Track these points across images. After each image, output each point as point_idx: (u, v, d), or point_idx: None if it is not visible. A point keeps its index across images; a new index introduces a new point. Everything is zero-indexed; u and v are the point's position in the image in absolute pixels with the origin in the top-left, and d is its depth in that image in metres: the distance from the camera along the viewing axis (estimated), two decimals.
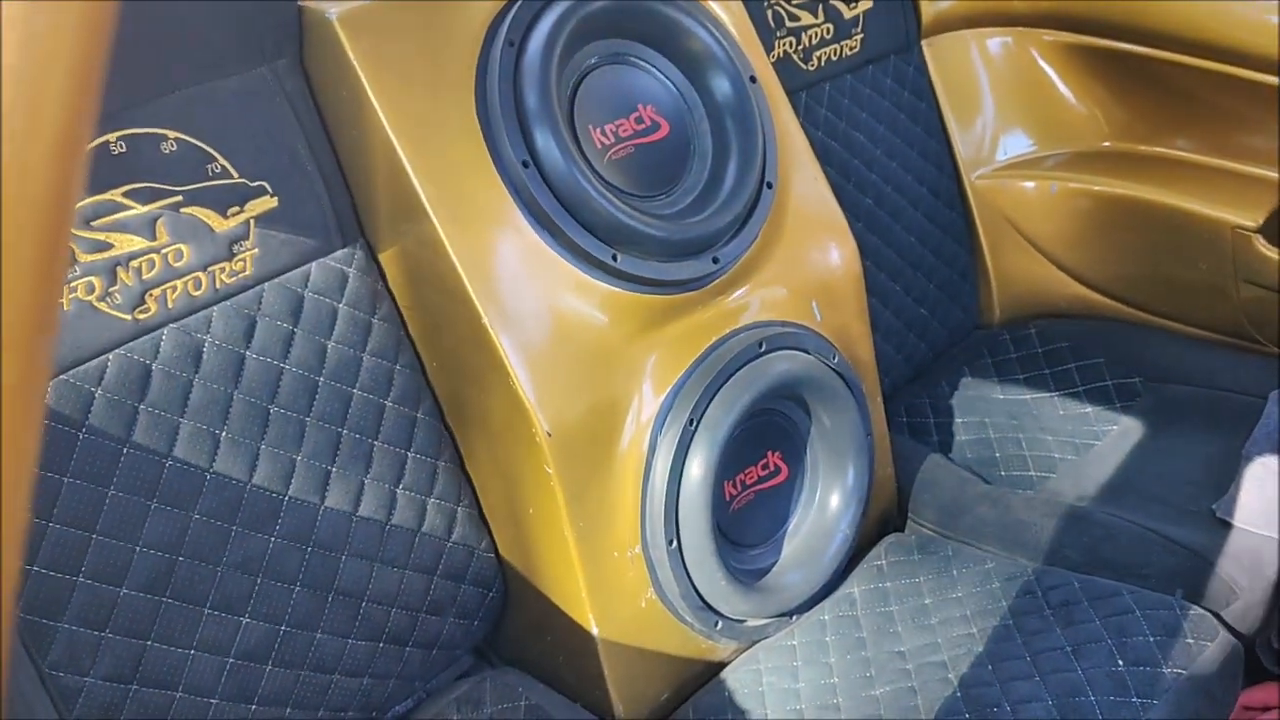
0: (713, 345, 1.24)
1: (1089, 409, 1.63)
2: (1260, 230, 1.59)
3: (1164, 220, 1.67)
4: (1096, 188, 1.72)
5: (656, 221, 1.18)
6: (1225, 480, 1.39)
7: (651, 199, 1.23)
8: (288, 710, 1.14)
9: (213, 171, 1.09)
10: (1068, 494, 1.46)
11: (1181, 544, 1.31)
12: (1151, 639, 1.14)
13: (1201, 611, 1.19)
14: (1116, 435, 1.57)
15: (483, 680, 1.26)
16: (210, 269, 1.09)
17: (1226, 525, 1.33)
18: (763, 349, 1.25)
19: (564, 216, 1.15)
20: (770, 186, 1.29)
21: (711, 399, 1.21)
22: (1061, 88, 1.78)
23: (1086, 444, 1.57)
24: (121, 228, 1.04)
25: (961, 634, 1.23)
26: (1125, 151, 1.76)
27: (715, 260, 1.23)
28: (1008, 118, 1.81)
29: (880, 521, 1.46)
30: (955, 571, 1.32)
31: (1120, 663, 1.12)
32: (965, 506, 1.44)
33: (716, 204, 1.23)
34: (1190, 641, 1.14)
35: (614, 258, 1.16)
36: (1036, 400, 1.66)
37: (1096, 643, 1.15)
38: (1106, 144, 1.78)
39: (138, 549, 1.04)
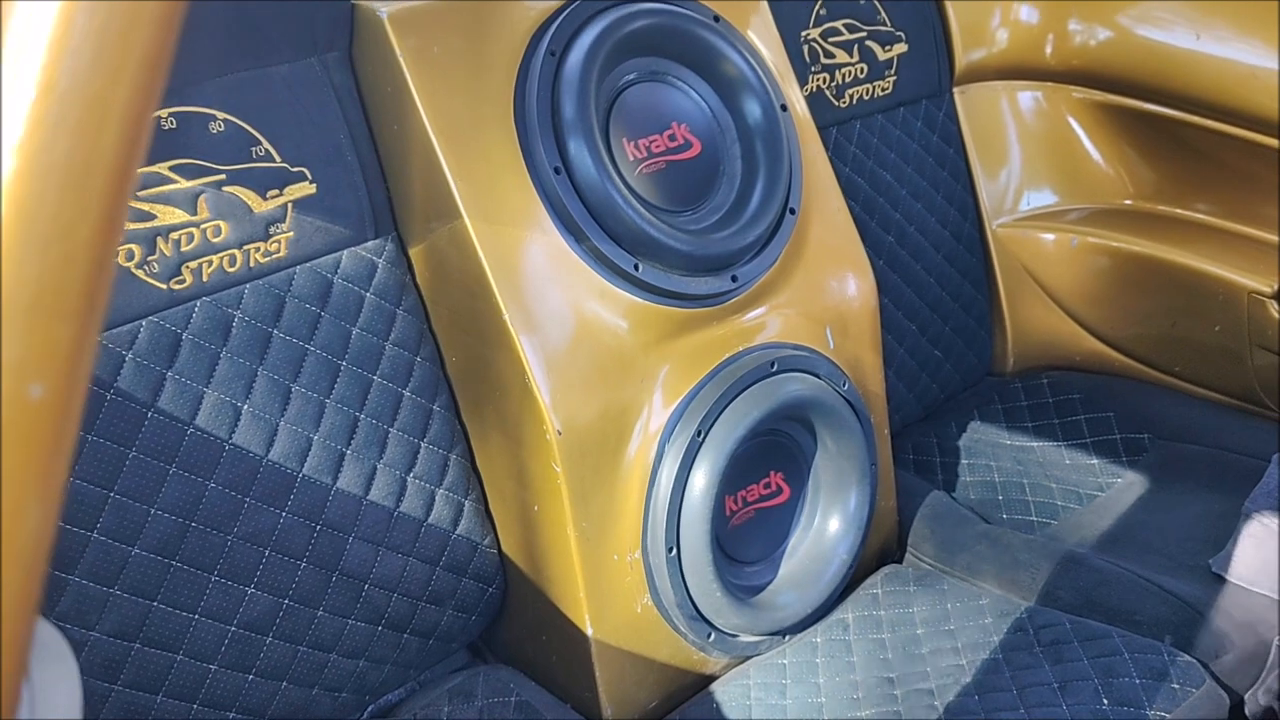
0: (725, 361, 1.26)
1: (1095, 461, 1.64)
2: (1276, 296, 1.61)
3: (1181, 281, 1.69)
4: (1116, 244, 1.74)
5: (680, 236, 1.22)
6: (1224, 537, 1.40)
7: (678, 214, 1.26)
8: (283, 684, 1.17)
9: (256, 154, 1.13)
10: (1067, 540, 1.47)
11: (1175, 594, 1.32)
12: (1138, 681, 1.15)
13: (1189, 659, 1.20)
14: (1120, 488, 1.58)
15: (475, 674, 1.28)
16: (246, 247, 1.12)
17: (1221, 580, 1.34)
18: (774, 369, 1.28)
19: (591, 224, 1.18)
20: (793, 212, 1.33)
21: (720, 413, 1.23)
22: (1087, 144, 1.81)
23: (1090, 494, 1.58)
24: (165, 200, 1.08)
25: (951, 665, 1.24)
26: (1147, 211, 1.79)
27: (734, 279, 1.26)
28: (1033, 169, 1.84)
29: (879, 552, 1.48)
30: (949, 605, 1.33)
31: (1105, 702, 1.13)
32: (964, 543, 1.46)
33: (739, 224, 1.27)
34: (1176, 687, 1.15)
35: (636, 267, 1.19)
36: (1044, 448, 1.68)
37: (1083, 681, 1.16)
38: (1129, 202, 1.81)
39: (153, 511, 1.07)
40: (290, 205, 1.15)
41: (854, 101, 1.66)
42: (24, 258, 0.32)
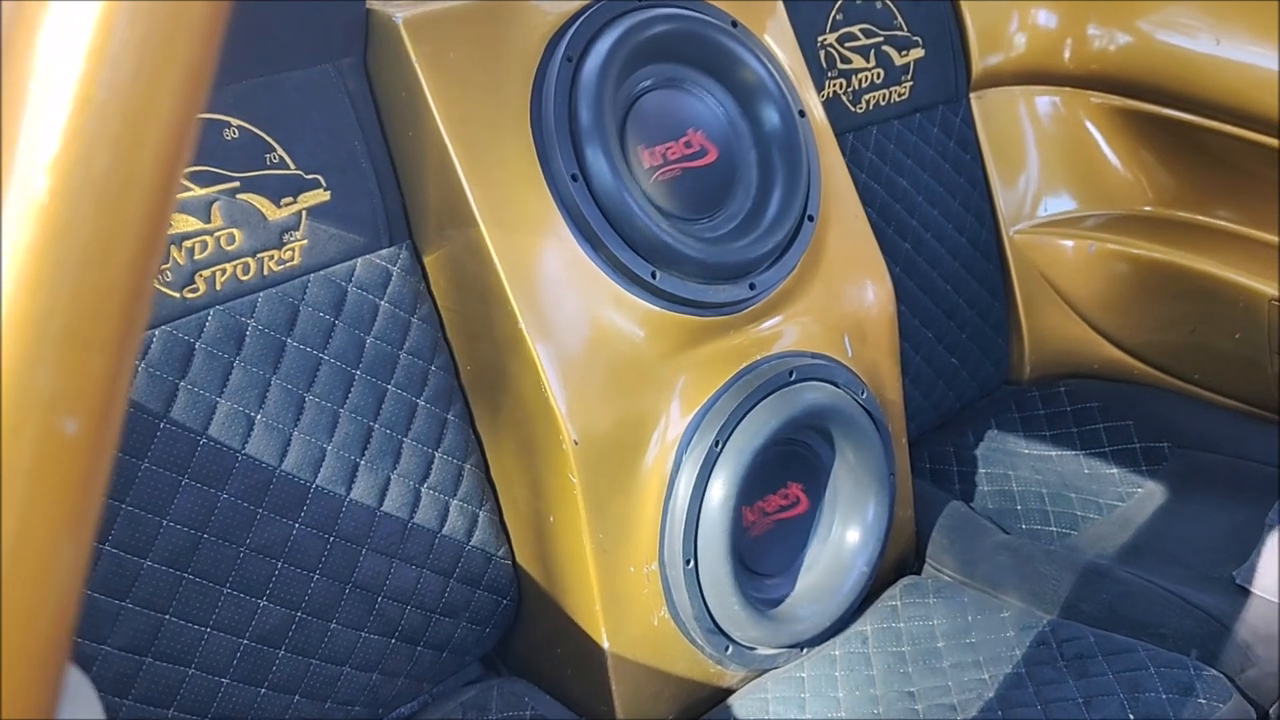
0: (743, 370, 1.25)
1: (1115, 470, 1.62)
2: None
3: (1201, 288, 1.67)
4: (1135, 251, 1.72)
5: (697, 244, 1.20)
6: (1248, 548, 1.38)
7: (694, 222, 1.25)
8: (296, 698, 1.15)
9: (271, 161, 1.11)
10: (1088, 551, 1.45)
11: (1199, 607, 1.30)
12: (1164, 696, 1.14)
13: (1216, 673, 1.18)
14: (1141, 498, 1.56)
15: (490, 687, 1.26)
16: (259, 255, 1.11)
17: (1246, 592, 1.32)
18: (792, 378, 1.26)
19: (608, 231, 1.17)
20: (811, 219, 1.31)
21: (739, 423, 1.21)
22: (1106, 149, 1.79)
23: (1110, 504, 1.56)
24: (179, 208, 1.06)
25: (973, 679, 1.22)
26: (1166, 217, 1.77)
27: (752, 286, 1.24)
28: (1050, 175, 1.82)
29: (897, 563, 1.46)
30: (970, 617, 1.31)
31: (1131, 717, 1.11)
32: (984, 554, 1.44)
33: (758, 232, 1.25)
34: (1203, 702, 1.14)
35: (653, 275, 1.18)
36: (1062, 458, 1.66)
37: (1108, 696, 1.14)
38: (1148, 208, 1.79)
39: (165, 523, 1.06)
40: (304, 213, 1.13)
41: (870, 107, 1.64)
42: (58, 281, 0.30)
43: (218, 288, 1.09)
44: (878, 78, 1.65)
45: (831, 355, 1.33)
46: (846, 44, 1.61)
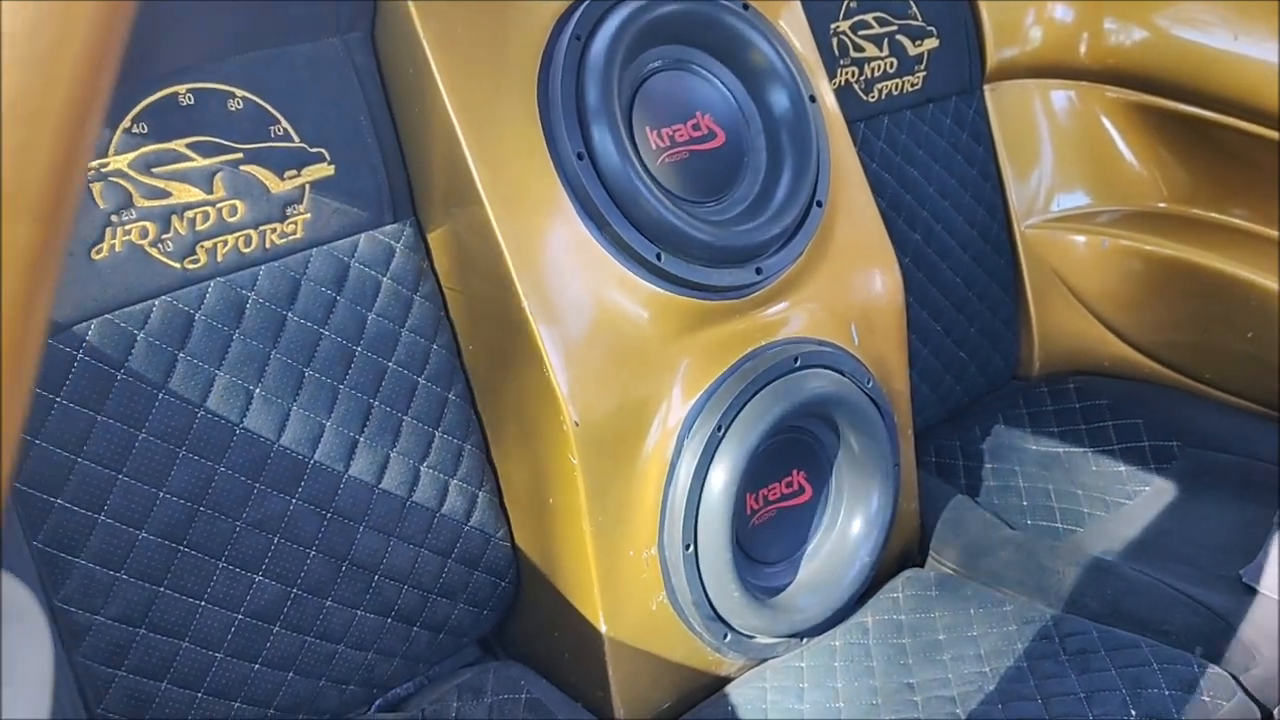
0: (747, 355, 1.24)
1: (1123, 468, 1.61)
2: None
3: (1214, 286, 1.66)
4: (1148, 248, 1.71)
5: (703, 226, 1.19)
6: (1255, 547, 1.36)
7: (701, 205, 1.23)
8: (290, 675, 1.14)
9: (275, 133, 1.11)
10: (1094, 547, 1.44)
11: (1205, 605, 1.28)
12: (1167, 693, 1.12)
13: (1220, 671, 1.16)
14: (1149, 496, 1.54)
15: (486, 670, 1.25)
16: (262, 228, 1.10)
17: (1252, 591, 1.30)
18: (797, 365, 1.25)
19: (613, 211, 1.16)
20: (820, 205, 1.30)
21: (741, 408, 1.20)
22: (1121, 145, 1.77)
23: (1117, 502, 1.54)
24: (181, 178, 1.06)
25: (973, 672, 1.21)
26: (1180, 214, 1.75)
27: (758, 271, 1.23)
28: (1064, 170, 1.80)
29: (900, 555, 1.45)
30: (972, 611, 1.30)
31: (1133, 713, 1.10)
32: (988, 549, 1.42)
33: (765, 216, 1.24)
34: (1206, 700, 1.12)
35: (658, 257, 1.17)
36: (1069, 454, 1.64)
37: (1111, 691, 1.13)
38: (1162, 205, 1.77)
39: (161, 494, 1.05)
40: (308, 186, 1.13)
41: (883, 96, 1.63)
42: None
43: (219, 259, 1.08)
44: (891, 67, 1.63)
45: (837, 343, 1.32)
46: (860, 32, 1.60)
